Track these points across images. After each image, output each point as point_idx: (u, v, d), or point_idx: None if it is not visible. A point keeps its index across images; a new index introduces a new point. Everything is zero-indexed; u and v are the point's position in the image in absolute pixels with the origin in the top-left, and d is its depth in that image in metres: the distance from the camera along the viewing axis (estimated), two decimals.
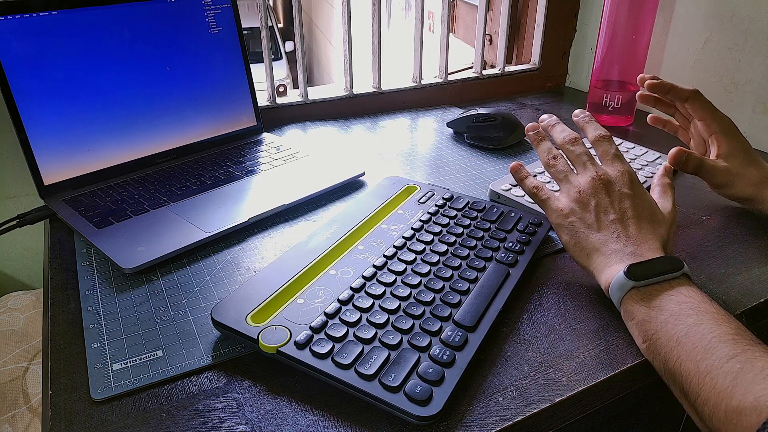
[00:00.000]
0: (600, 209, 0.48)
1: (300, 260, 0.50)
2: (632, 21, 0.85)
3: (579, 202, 0.49)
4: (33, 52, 0.61)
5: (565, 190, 0.51)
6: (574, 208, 0.49)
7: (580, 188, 0.49)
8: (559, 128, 0.54)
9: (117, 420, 0.38)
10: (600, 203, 0.48)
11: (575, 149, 0.52)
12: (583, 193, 0.49)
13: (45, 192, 0.63)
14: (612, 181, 0.49)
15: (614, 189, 0.48)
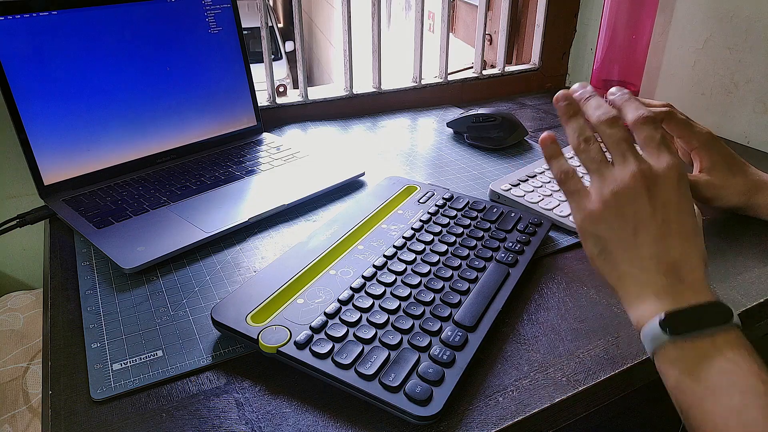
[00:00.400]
0: (639, 220, 0.39)
1: (300, 260, 0.50)
2: (632, 21, 0.85)
3: (613, 207, 0.40)
4: (33, 52, 0.61)
5: (597, 186, 0.41)
6: (606, 215, 0.40)
7: (617, 188, 0.40)
8: (595, 103, 0.44)
9: (117, 420, 0.38)
10: (639, 212, 0.39)
11: (614, 132, 0.41)
12: (619, 196, 0.39)
13: (45, 192, 0.63)
14: (657, 180, 0.39)
15: (659, 192, 0.39)
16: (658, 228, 0.39)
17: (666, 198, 0.39)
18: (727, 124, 0.87)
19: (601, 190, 0.41)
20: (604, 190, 0.40)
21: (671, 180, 0.40)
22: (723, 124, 0.87)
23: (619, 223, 0.39)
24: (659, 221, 0.39)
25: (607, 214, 0.40)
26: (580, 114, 0.44)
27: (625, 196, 0.39)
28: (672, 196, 0.39)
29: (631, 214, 0.39)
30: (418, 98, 1.00)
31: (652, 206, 0.39)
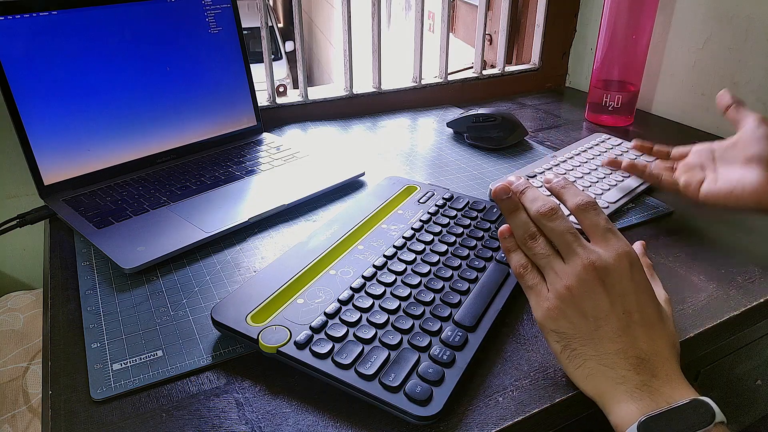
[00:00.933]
0: (598, 314, 0.37)
1: (300, 260, 0.50)
2: (632, 21, 0.85)
3: (570, 303, 0.38)
4: (33, 52, 0.61)
5: (551, 282, 0.39)
6: (565, 311, 0.38)
7: (570, 282, 0.38)
8: (531, 195, 0.42)
9: (117, 420, 0.38)
10: (597, 306, 0.37)
11: (555, 226, 0.40)
12: (573, 290, 0.38)
13: (45, 192, 0.63)
14: (609, 269, 0.38)
15: (613, 282, 0.38)
16: (618, 320, 0.37)
17: (622, 288, 0.38)
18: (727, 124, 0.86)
19: (555, 286, 0.39)
20: (558, 285, 0.39)
21: (623, 268, 0.38)
22: (723, 124, 0.87)
23: (579, 318, 0.38)
24: (619, 313, 0.37)
25: (566, 310, 0.38)
26: (521, 208, 0.42)
27: (580, 291, 0.38)
28: (627, 285, 0.38)
29: (589, 309, 0.37)
30: (418, 98, 1.00)
31: (609, 299, 0.37)
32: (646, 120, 0.95)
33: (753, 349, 0.60)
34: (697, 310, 0.49)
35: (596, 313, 0.37)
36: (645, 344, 0.36)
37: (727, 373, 0.60)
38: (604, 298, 0.37)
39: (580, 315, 0.38)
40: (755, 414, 0.70)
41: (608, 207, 0.63)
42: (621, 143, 0.79)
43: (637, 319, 0.37)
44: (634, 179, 0.69)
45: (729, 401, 0.64)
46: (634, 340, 0.37)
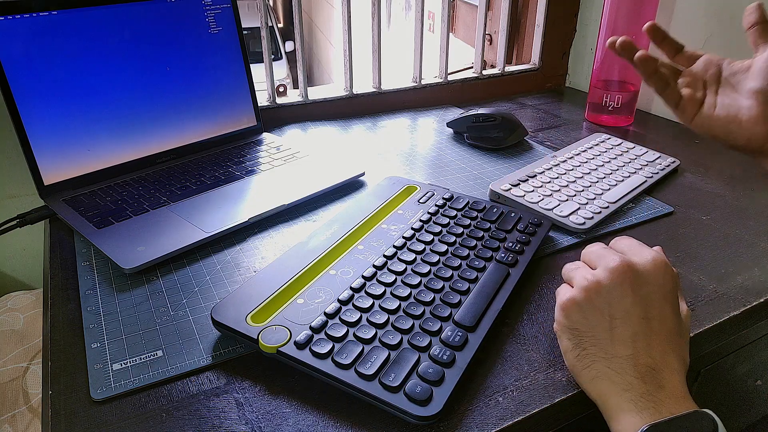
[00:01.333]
0: (617, 312, 0.36)
1: (300, 260, 0.50)
2: (632, 21, 0.85)
3: (592, 295, 0.37)
4: (33, 52, 0.61)
5: (581, 276, 0.39)
6: (584, 304, 0.37)
7: (599, 275, 0.37)
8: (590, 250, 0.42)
9: (117, 420, 0.38)
10: (619, 302, 0.36)
11: (594, 249, 0.41)
12: (600, 282, 0.37)
13: (45, 192, 0.63)
14: (641, 271, 0.37)
15: (642, 285, 0.36)
16: (637, 324, 0.36)
17: (648, 291, 0.36)
18: None
19: (584, 279, 0.39)
20: (588, 278, 0.38)
21: (656, 274, 0.37)
22: None
23: (596, 315, 0.37)
24: (639, 317, 0.36)
25: (585, 303, 0.37)
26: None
27: (606, 283, 0.37)
28: (655, 290, 0.36)
29: (609, 305, 0.36)
30: (418, 98, 1.00)
31: (633, 299, 0.36)
32: (646, 120, 0.95)
33: (753, 349, 0.60)
34: (697, 310, 0.49)
35: (615, 311, 0.36)
36: (658, 354, 0.35)
37: (727, 373, 0.60)
38: (627, 297, 0.36)
39: (598, 311, 0.37)
40: (755, 414, 0.70)
41: (608, 207, 0.63)
42: (621, 143, 0.79)
43: (656, 327, 0.36)
44: (634, 179, 0.69)
45: (729, 401, 0.64)
46: (648, 348, 0.35)
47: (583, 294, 0.38)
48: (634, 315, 0.36)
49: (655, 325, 0.36)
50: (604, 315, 0.36)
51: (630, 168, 0.72)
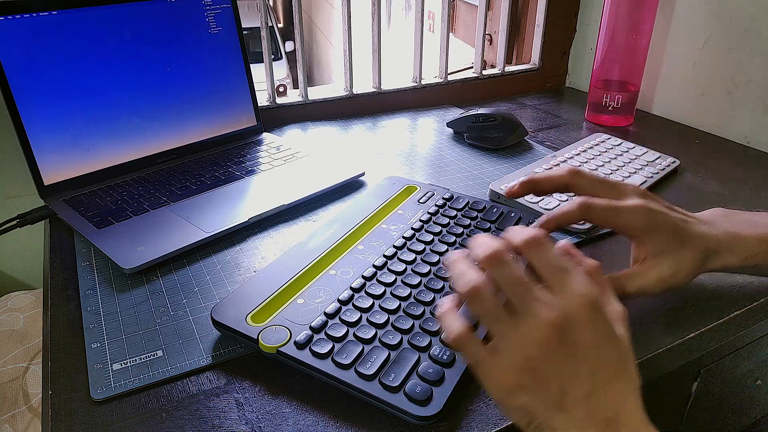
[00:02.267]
0: (563, 379, 0.33)
1: (300, 260, 0.50)
2: (632, 21, 0.85)
3: (530, 374, 0.33)
4: (33, 52, 0.61)
5: (505, 349, 0.33)
6: (524, 383, 0.33)
7: (527, 351, 0.33)
8: (478, 241, 0.36)
9: (117, 420, 0.38)
10: (561, 371, 0.33)
11: (502, 273, 0.34)
12: (532, 359, 0.33)
13: (45, 192, 0.63)
14: (569, 325, 0.33)
15: (575, 338, 0.33)
16: (585, 382, 0.33)
17: (585, 344, 0.33)
18: (727, 124, 0.87)
19: (510, 354, 0.33)
20: (514, 354, 0.33)
21: (585, 319, 0.33)
22: (723, 124, 0.87)
23: (542, 389, 0.33)
24: (585, 374, 0.33)
25: (525, 382, 0.33)
26: (463, 257, 0.36)
27: (540, 358, 0.33)
28: (590, 338, 0.33)
29: (552, 376, 0.33)
30: (418, 98, 1.00)
31: (573, 360, 0.33)
32: (646, 120, 0.95)
33: (753, 349, 0.60)
34: (697, 310, 0.49)
35: (560, 379, 0.33)
36: (612, 401, 0.33)
37: (728, 373, 0.60)
38: (567, 361, 0.33)
39: (543, 385, 0.33)
40: (755, 414, 0.70)
41: None
42: (621, 143, 0.79)
43: (603, 376, 0.33)
44: (634, 179, 0.69)
45: (729, 401, 0.64)
46: (602, 400, 0.33)
47: (517, 374, 0.33)
48: (580, 374, 0.33)
49: (602, 375, 0.33)
50: (550, 387, 0.33)
51: (630, 168, 0.72)
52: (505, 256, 0.34)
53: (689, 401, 0.58)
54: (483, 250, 0.35)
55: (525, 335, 0.33)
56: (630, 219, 0.44)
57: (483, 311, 0.34)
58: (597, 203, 0.44)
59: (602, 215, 0.44)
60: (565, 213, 0.44)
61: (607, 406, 0.33)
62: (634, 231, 0.44)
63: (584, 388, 0.33)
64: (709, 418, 0.63)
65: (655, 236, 0.44)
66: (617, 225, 0.45)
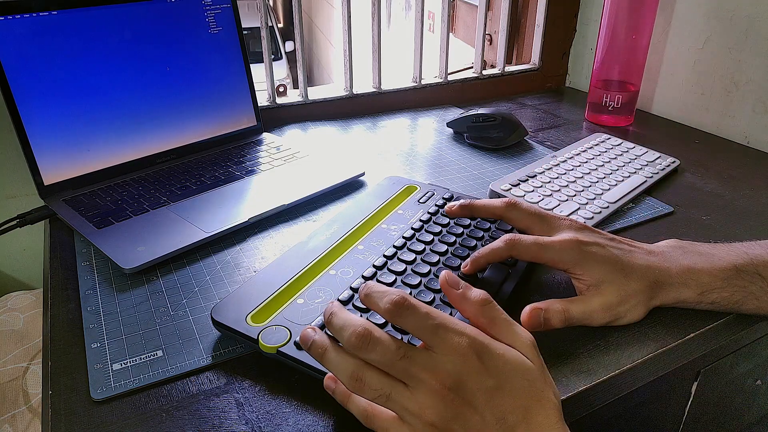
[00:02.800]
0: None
1: (300, 260, 0.50)
2: (632, 21, 0.85)
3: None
4: (33, 52, 0.61)
5: (408, 422, 0.33)
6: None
7: (429, 418, 0.32)
8: (337, 323, 0.34)
9: (117, 420, 0.38)
10: (469, 427, 0.32)
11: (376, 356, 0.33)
12: (437, 425, 0.32)
13: (45, 192, 0.63)
14: (461, 380, 0.32)
15: (473, 390, 0.32)
16: (496, 430, 0.32)
17: (484, 391, 0.32)
18: (727, 124, 0.87)
19: (415, 428, 0.32)
20: (418, 426, 0.32)
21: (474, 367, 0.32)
22: (723, 124, 0.87)
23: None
24: (493, 423, 0.32)
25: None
26: (330, 346, 0.35)
27: (445, 421, 0.32)
28: (487, 383, 0.32)
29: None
30: (418, 98, 1.00)
31: (477, 413, 0.32)
32: (646, 120, 0.95)
33: (753, 349, 0.60)
34: (697, 310, 0.49)
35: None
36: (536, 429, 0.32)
37: (728, 373, 0.60)
38: (472, 416, 0.32)
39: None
40: (755, 414, 0.70)
41: (608, 207, 0.63)
42: (621, 143, 0.79)
43: (514, 419, 0.32)
44: (634, 179, 0.69)
45: (729, 401, 0.64)
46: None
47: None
48: (488, 425, 0.32)
49: (512, 418, 0.32)
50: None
51: (630, 168, 0.72)
52: (373, 334, 0.33)
53: (689, 401, 0.58)
54: (348, 336, 0.33)
55: (422, 402, 0.32)
56: (557, 255, 0.44)
57: (371, 396, 0.33)
58: (523, 240, 0.45)
59: (528, 251, 0.45)
60: (494, 250, 0.46)
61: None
62: (564, 265, 0.45)
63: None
64: (709, 418, 0.63)
65: (591, 269, 0.44)
66: (545, 260, 0.45)
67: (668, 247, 0.48)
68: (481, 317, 0.35)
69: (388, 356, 0.33)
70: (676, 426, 0.60)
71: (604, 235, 0.47)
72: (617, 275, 0.44)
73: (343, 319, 0.34)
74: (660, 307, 0.48)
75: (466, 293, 0.36)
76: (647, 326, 0.47)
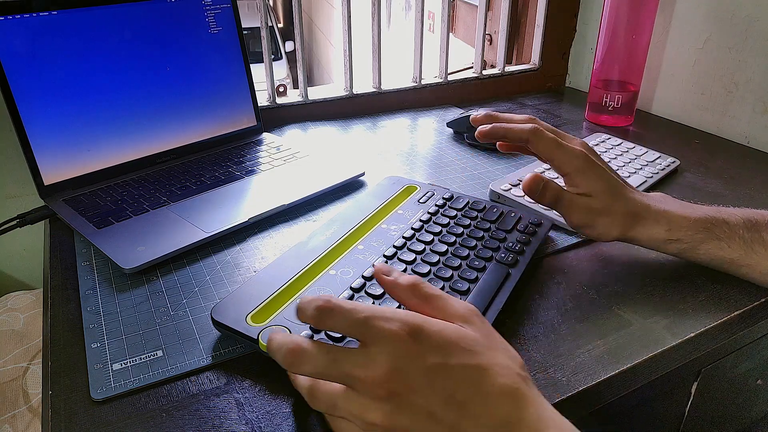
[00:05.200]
0: (428, 421, 0.30)
1: (300, 260, 0.50)
2: (632, 21, 0.85)
3: (393, 430, 0.31)
4: (33, 52, 0.61)
5: (358, 425, 0.32)
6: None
7: (371, 420, 0.31)
8: (274, 347, 0.34)
9: (117, 420, 0.38)
10: (419, 414, 0.30)
11: (309, 368, 0.32)
12: (383, 426, 0.31)
13: (45, 192, 0.63)
14: (400, 369, 0.31)
15: (416, 376, 0.31)
16: (450, 410, 0.30)
17: (427, 373, 0.31)
18: (727, 124, 0.87)
19: (367, 426, 0.32)
20: (369, 424, 0.31)
21: (413, 353, 0.31)
22: (723, 124, 0.87)
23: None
24: (442, 403, 0.31)
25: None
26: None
27: (388, 417, 0.31)
28: (429, 364, 0.31)
29: (416, 425, 0.31)
30: (418, 98, 1.00)
31: (424, 398, 0.31)
32: (646, 120, 0.95)
33: (753, 349, 0.60)
34: (697, 310, 0.49)
35: (426, 421, 0.30)
36: (494, 411, 0.31)
37: (728, 373, 0.60)
38: (417, 401, 0.30)
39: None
40: (755, 414, 0.70)
41: None
42: (621, 143, 0.79)
43: (462, 395, 0.30)
44: (634, 179, 0.69)
45: (730, 401, 0.64)
46: (481, 414, 0.30)
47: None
48: (439, 407, 0.31)
49: (464, 392, 0.31)
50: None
51: (630, 168, 0.72)
52: (299, 351, 0.32)
53: (689, 401, 0.58)
54: (281, 357, 0.33)
55: (363, 407, 0.31)
56: (567, 157, 0.49)
57: (325, 409, 0.33)
58: (545, 134, 0.49)
59: (547, 145, 0.49)
60: (516, 128, 0.50)
61: (490, 416, 0.31)
62: (568, 169, 0.49)
63: (450, 416, 0.30)
64: (709, 418, 0.63)
65: (589, 179, 0.49)
66: (555, 159, 0.50)
67: (652, 194, 0.54)
68: (413, 298, 0.35)
69: (319, 365, 0.32)
70: (676, 426, 0.60)
71: (608, 165, 0.52)
72: (608, 193, 0.49)
73: (277, 342, 0.33)
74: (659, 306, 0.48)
75: (397, 279, 0.36)
76: (647, 326, 0.47)
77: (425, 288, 0.36)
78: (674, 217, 0.50)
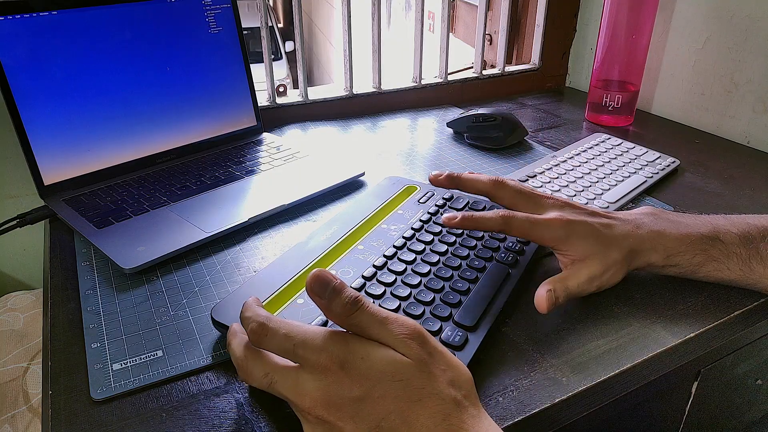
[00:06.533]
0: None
1: (300, 260, 0.50)
2: (632, 21, 0.85)
3: None
4: (33, 52, 0.61)
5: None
6: None
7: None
8: (235, 361, 0.36)
9: (117, 420, 0.38)
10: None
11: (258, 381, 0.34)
12: None
13: (45, 192, 0.63)
14: (333, 392, 0.31)
15: (350, 398, 0.31)
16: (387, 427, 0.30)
17: (361, 396, 0.31)
18: (727, 124, 0.87)
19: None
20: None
21: (342, 377, 0.31)
22: (723, 124, 0.87)
23: None
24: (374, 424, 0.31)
25: None
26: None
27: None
28: (363, 387, 0.31)
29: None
30: (418, 98, 1.00)
31: (359, 421, 0.31)
32: (646, 120, 0.95)
33: (752, 349, 0.60)
34: (697, 310, 0.49)
35: None
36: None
37: (728, 373, 0.60)
38: (346, 430, 0.31)
39: None
40: (755, 414, 0.70)
41: (608, 207, 0.63)
42: (621, 143, 0.79)
43: (388, 425, 0.30)
44: (634, 179, 0.69)
45: (729, 401, 0.64)
46: None
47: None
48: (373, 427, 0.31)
49: (388, 424, 0.31)
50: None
51: (630, 168, 0.72)
52: (241, 369, 0.35)
53: (689, 401, 0.58)
54: (237, 365, 0.35)
55: (302, 423, 0.33)
56: (546, 232, 0.47)
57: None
58: (517, 216, 0.48)
59: (521, 227, 0.48)
60: (486, 218, 0.48)
61: None
62: (552, 242, 0.48)
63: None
64: (709, 418, 0.63)
65: (576, 244, 0.47)
66: (534, 237, 0.48)
67: (642, 213, 0.51)
68: (349, 326, 0.34)
69: (257, 384, 0.34)
70: (676, 426, 0.60)
71: (585, 210, 0.50)
72: (599, 247, 0.47)
73: (234, 356, 0.36)
74: (659, 306, 0.48)
75: (330, 304, 0.34)
76: (647, 326, 0.47)
77: (361, 314, 0.33)
78: (669, 242, 0.48)
